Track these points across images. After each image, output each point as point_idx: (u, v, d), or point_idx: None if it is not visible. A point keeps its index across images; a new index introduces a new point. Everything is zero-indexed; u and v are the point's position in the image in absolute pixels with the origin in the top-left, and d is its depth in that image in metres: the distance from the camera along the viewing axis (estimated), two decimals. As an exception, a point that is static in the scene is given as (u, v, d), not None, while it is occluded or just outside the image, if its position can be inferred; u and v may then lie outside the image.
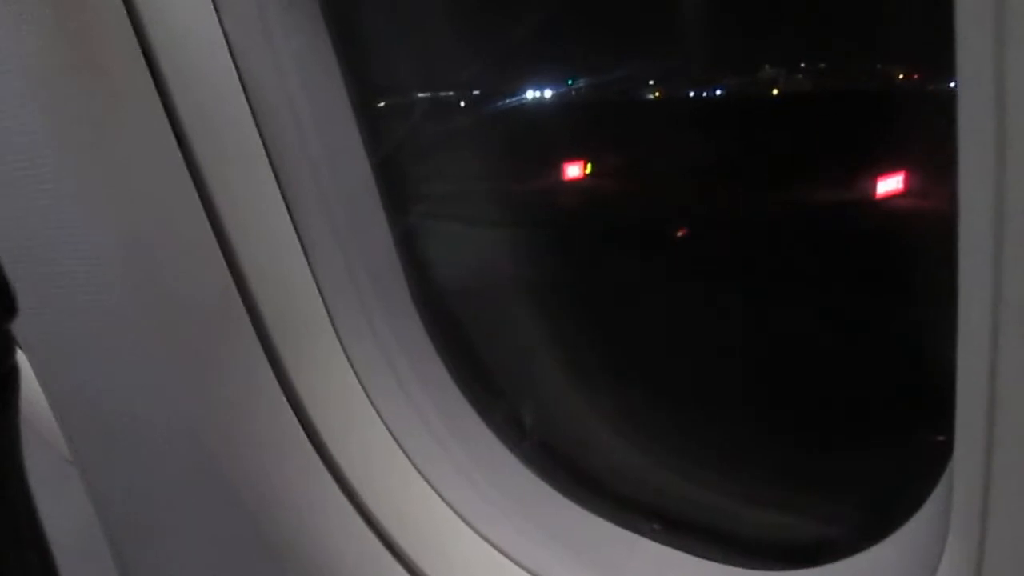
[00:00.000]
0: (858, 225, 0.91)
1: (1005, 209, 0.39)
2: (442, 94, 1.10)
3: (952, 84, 0.41)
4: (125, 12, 0.69)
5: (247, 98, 0.77)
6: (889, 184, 0.84)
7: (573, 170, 1.13)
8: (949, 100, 0.42)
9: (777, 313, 0.97)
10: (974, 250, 0.42)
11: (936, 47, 0.41)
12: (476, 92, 1.10)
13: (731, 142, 0.99)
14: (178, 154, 0.73)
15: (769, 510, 0.93)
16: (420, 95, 1.08)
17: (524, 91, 1.08)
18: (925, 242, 0.75)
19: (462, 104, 1.11)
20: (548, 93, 1.08)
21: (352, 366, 0.91)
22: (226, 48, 0.75)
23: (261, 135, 0.79)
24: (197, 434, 0.81)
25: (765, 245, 0.99)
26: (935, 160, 0.43)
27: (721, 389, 1.01)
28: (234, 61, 0.76)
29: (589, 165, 1.12)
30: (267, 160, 0.80)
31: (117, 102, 0.70)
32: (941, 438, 0.53)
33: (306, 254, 0.84)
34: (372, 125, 0.91)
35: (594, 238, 1.13)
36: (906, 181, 0.82)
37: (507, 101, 1.10)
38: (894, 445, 0.84)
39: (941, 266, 0.46)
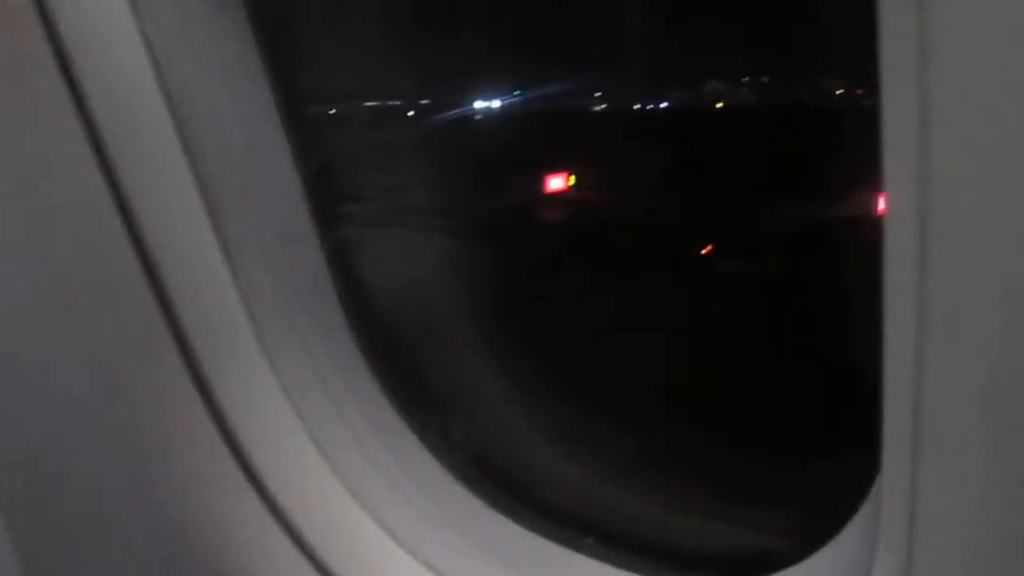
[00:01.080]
0: (793, 235, 0.92)
1: (930, 218, 0.39)
2: (376, 104, 1.08)
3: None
4: (38, 15, 0.67)
5: (168, 105, 0.75)
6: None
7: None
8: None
9: (712, 326, 0.98)
10: (900, 259, 0.42)
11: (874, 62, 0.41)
12: (413, 102, 1.09)
13: (676, 152, 0.99)
14: (94, 162, 0.70)
15: (704, 523, 0.93)
16: (354, 105, 1.06)
17: (463, 102, 1.08)
18: (855, 253, 0.76)
19: (398, 115, 1.10)
20: (490, 105, 1.07)
21: (281, 384, 0.88)
22: (145, 53, 0.72)
23: (183, 143, 0.76)
24: (117, 453, 0.79)
25: (703, 256, 0.99)
26: (871, 172, 0.43)
27: (657, 402, 1.01)
28: (155, 66, 0.73)
29: (527, 177, 1.12)
30: (189, 170, 0.77)
31: (28, 106, 0.68)
32: (871, 448, 0.53)
33: (231, 267, 0.82)
34: (302, 136, 0.89)
35: (530, 250, 1.13)
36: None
37: (445, 112, 1.09)
38: (825, 456, 0.84)
39: (869, 276, 0.46)
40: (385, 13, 1.00)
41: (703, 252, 1.01)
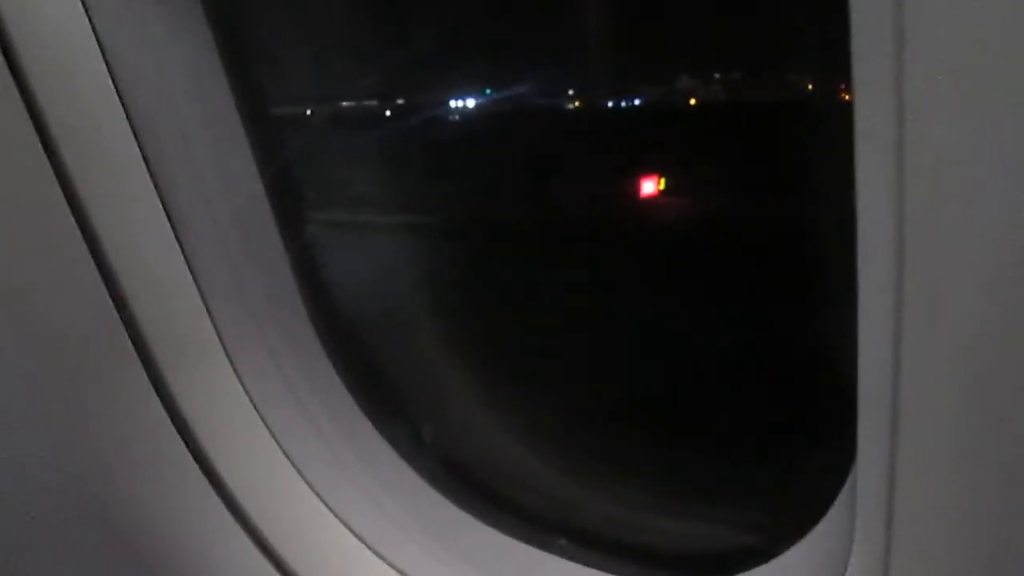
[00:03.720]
0: (766, 232, 0.92)
1: (905, 212, 0.39)
2: (339, 104, 1.07)
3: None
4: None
5: (123, 106, 0.72)
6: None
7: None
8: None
9: (684, 322, 0.98)
10: (874, 255, 0.42)
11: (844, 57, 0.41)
12: (380, 102, 1.08)
13: (651, 149, 1.00)
14: (48, 167, 0.68)
15: (677, 520, 0.93)
16: (317, 106, 1.05)
17: (431, 102, 1.07)
18: (827, 248, 0.76)
19: (364, 115, 1.08)
20: (458, 104, 1.07)
21: (246, 389, 0.87)
22: (98, 52, 0.70)
23: (140, 144, 0.74)
24: (75, 467, 0.77)
25: (681, 254, 1.00)
26: (840, 167, 0.43)
27: (627, 399, 1.01)
28: (108, 66, 0.71)
29: (499, 178, 1.11)
30: (146, 171, 0.75)
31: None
32: (845, 441, 0.53)
33: (192, 271, 0.80)
34: (263, 136, 0.87)
35: (503, 252, 1.12)
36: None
37: (414, 111, 1.08)
38: (799, 451, 0.85)
39: (843, 271, 0.46)
40: (349, 10, 0.99)
41: (673, 245, 1.01)
